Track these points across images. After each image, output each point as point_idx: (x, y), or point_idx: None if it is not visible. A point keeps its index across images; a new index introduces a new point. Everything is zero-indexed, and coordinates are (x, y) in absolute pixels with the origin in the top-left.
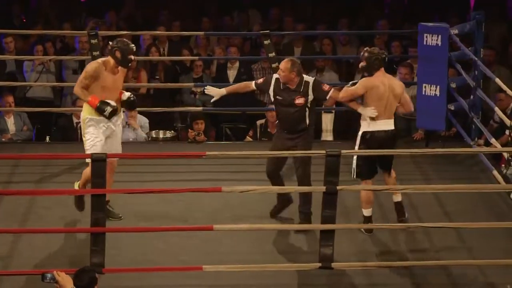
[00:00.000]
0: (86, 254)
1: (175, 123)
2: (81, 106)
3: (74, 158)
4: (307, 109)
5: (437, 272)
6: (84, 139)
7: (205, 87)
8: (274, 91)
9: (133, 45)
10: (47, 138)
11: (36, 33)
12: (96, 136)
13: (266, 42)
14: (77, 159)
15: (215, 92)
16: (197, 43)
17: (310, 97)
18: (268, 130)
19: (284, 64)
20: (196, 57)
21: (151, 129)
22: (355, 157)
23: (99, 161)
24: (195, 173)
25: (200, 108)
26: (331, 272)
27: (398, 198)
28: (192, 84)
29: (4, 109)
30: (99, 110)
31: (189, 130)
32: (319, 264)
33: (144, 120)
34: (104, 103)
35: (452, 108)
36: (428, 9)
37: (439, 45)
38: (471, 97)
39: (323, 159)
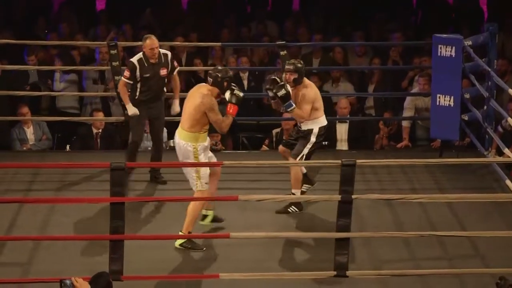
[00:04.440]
0: (104, 262)
1: None
2: (99, 115)
3: (93, 167)
4: (166, 79)
5: (451, 281)
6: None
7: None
8: (140, 70)
9: None
10: (67, 147)
11: (57, 44)
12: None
13: (282, 53)
14: (95, 168)
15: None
16: (211, 54)
17: (170, 67)
18: (284, 138)
19: (151, 41)
20: (212, 68)
21: (168, 138)
22: (308, 147)
23: (118, 170)
24: None
25: None
26: (346, 280)
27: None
28: None
29: (24, 118)
30: (238, 101)
31: None
32: (334, 272)
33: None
34: (234, 96)
35: (466, 118)
36: (441, 21)
37: (453, 56)
38: (485, 107)
39: (338, 168)
